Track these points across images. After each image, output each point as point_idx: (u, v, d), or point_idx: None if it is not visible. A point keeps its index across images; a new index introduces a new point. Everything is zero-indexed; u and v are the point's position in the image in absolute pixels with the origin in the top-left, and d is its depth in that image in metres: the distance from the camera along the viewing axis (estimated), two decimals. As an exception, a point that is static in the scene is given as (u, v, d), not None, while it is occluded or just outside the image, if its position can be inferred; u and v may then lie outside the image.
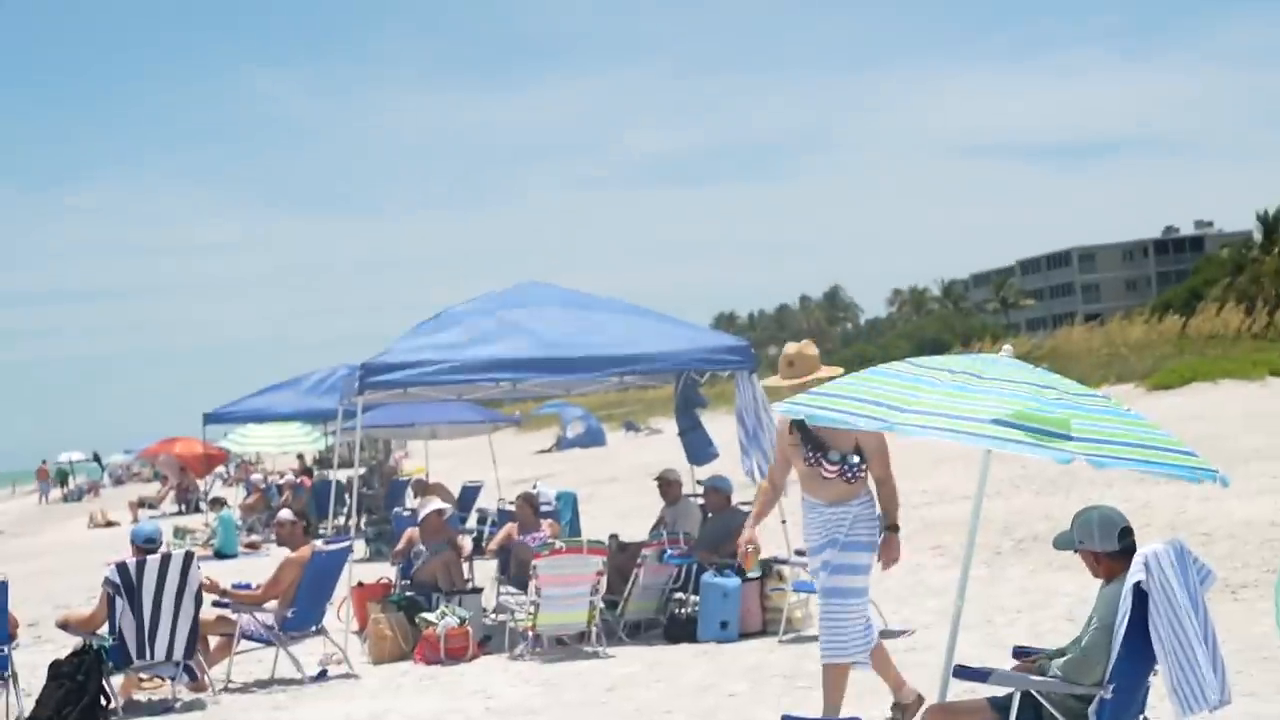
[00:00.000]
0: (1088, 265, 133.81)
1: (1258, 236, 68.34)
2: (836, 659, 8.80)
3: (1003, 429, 7.03)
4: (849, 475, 8.78)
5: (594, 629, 13.17)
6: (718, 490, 14.69)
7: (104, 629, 11.86)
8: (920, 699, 8.93)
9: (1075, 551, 7.19)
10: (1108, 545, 7.02)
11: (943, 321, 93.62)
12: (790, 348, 9.30)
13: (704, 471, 15.94)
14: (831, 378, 8.91)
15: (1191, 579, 6.98)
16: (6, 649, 11.46)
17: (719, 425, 18.07)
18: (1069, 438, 7.01)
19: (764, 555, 14.54)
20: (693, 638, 13.23)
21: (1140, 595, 6.76)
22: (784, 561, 13.69)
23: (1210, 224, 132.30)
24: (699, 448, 15.83)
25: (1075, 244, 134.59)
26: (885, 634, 8.40)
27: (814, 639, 12.86)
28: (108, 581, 11.77)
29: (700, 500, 15.15)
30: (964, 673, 7.10)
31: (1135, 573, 6.78)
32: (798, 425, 8.84)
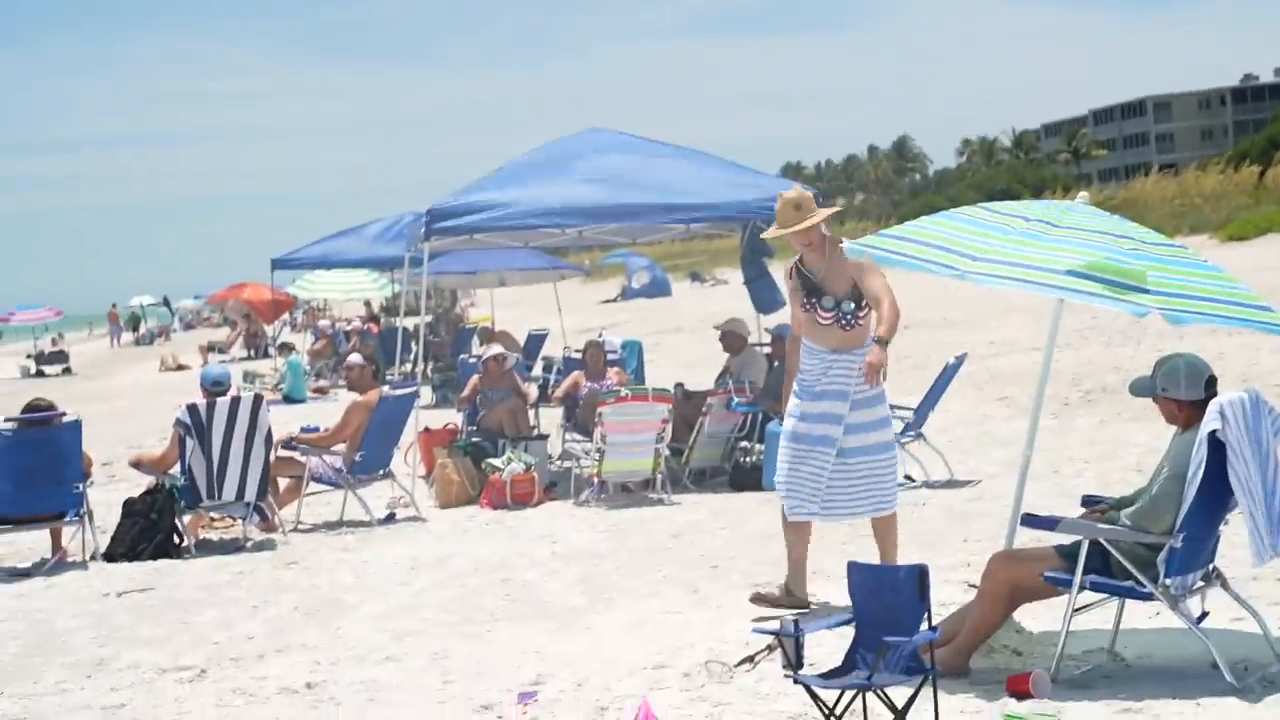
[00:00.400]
0: (1163, 114, 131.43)
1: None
2: (885, 510, 8.70)
3: (1077, 280, 6.93)
4: (844, 322, 8.53)
5: (659, 476, 13.23)
6: (784, 339, 14.63)
7: (175, 469, 12.05)
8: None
9: (1154, 399, 7.10)
10: (1193, 393, 6.94)
11: (1013, 172, 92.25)
12: (791, 192, 8.86)
13: (771, 321, 15.87)
14: (831, 215, 8.73)
15: (1265, 429, 6.92)
16: (81, 487, 11.68)
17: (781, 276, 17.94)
18: (1145, 290, 6.91)
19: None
20: (757, 486, 13.25)
21: (1215, 444, 6.69)
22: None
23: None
24: (765, 296, 15.71)
25: (1150, 93, 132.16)
26: None
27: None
28: (178, 423, 11.91)
29: (766, 349, 15.13)
30: (1032, 521, 7.07)
31: (1211, 421, 6.71)
32: (797, 270, 8.66)
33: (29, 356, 49.34)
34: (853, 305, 8.49)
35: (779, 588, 8.66)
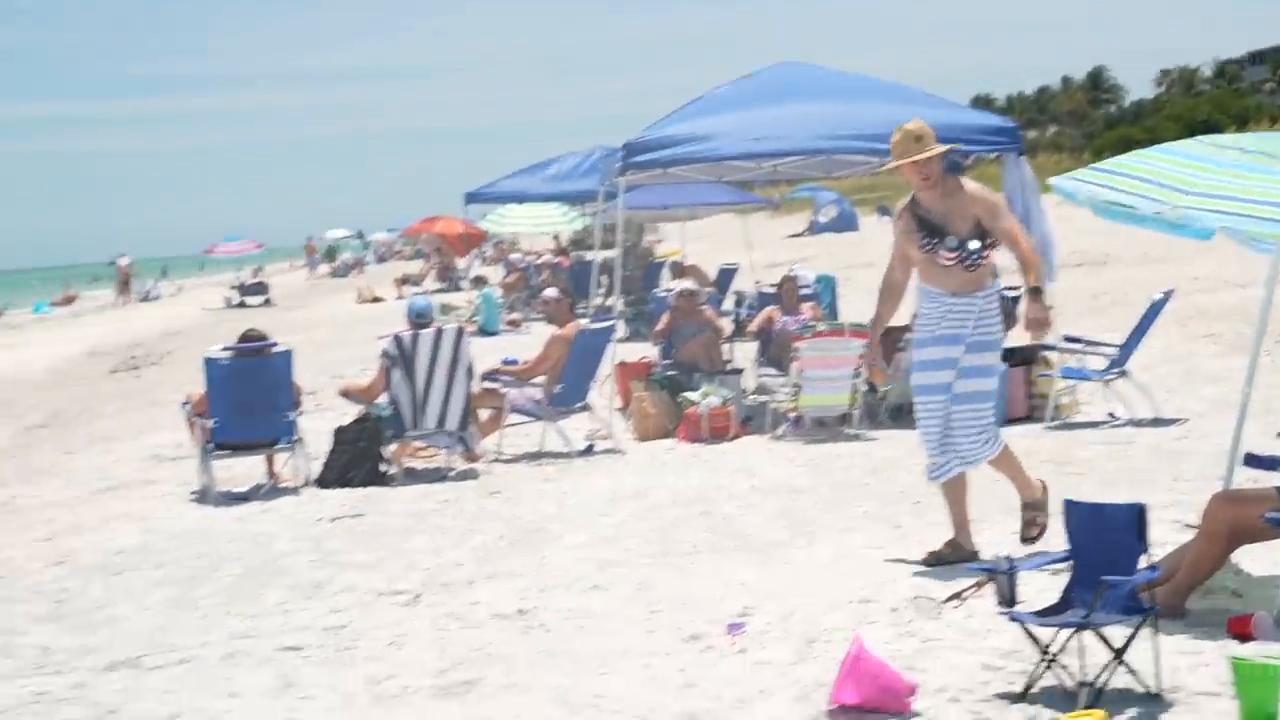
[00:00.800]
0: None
1: None
2: (992, 453, 8.31)
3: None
4: (969, 262, 8.12)
5: (856, 411, 13.19)
6: (983, 275, 14.49)
7: (382, 398, 12.32)
8: (1045, 486, 8.52)
9: None
10: None
11: (1215, 103, 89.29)
12: (910, 123, 8.45)
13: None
14: (950, 150, 8.36)
15: None
16: (293, 415, 12.01)
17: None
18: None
19: (1029, 340, 14.35)
20: (955, 422, 13.14)
21: None
22: (1052, 347, 13.44)
23: None
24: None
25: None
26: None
27: (1084, 425, 12.81)
28: (384, 354, 12.16)
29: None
30: (1254, 461, 6.92)
31: None
32: (910, 209, 8.29)
33: (232, 288, 50.71)
34: (978, 244, 8.13)
35: (946, 544, 8.33)
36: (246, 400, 11.86)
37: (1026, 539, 8.32)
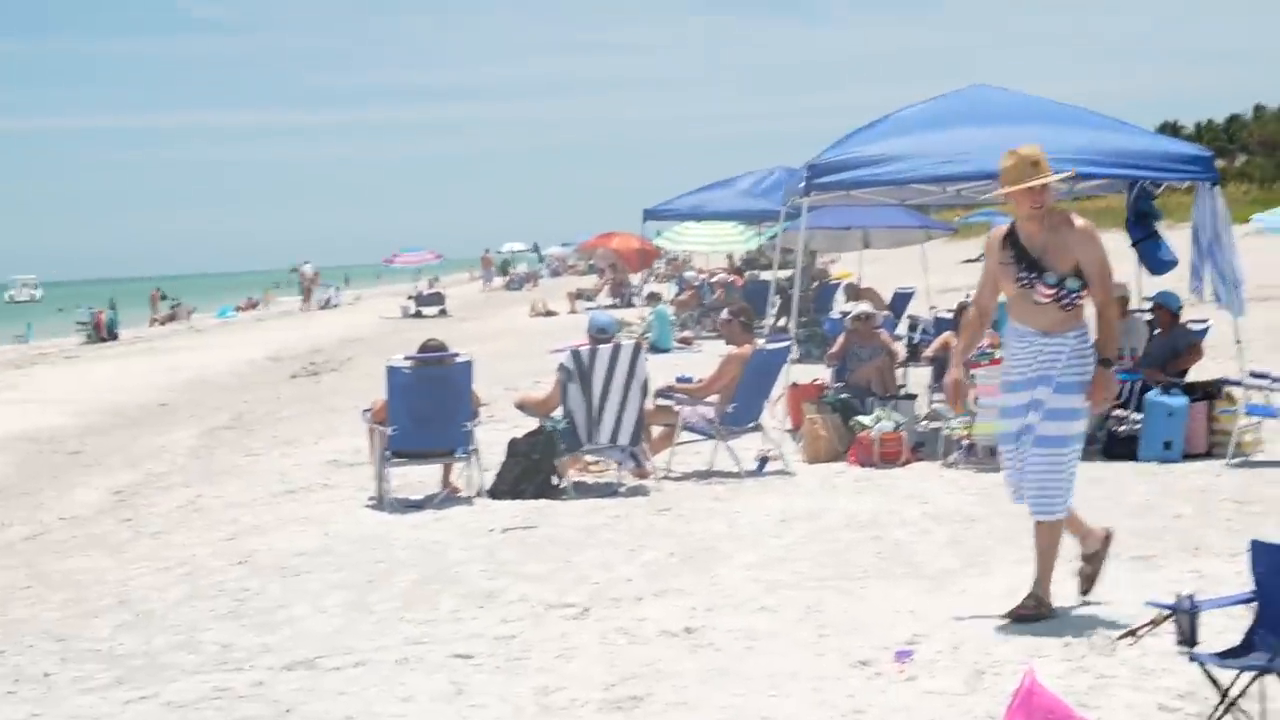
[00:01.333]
0: None
1: None
2: (1047, 516, 7.88)
3: None
4: (1066, 301, 7.73)
5: (1030, 441, 13.01)
6: (1165, 307, 14.24)
7: (557, 412, 12.44)
8: (1109, 535, 8.15)
9: None
10: None
11: None
12: (1025, 148, 7.98)
13: (1151, 286, 15.39)
14: (1068, 176, 8.04)
15: None
16: (470, 425, 12.19)
17: (1169, 239, 17.37)
18: None
19: (1214, 375, 14.08)
20: (1133, 456, 12.92)
21: None
22: (1236, 383, 13.15)
23: None
24: (1154, 257, 15.20)
25: None
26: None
27: (1268, 464, 12.50)
28: (562, 368, 12.27)
29: (1147, 316, 14.70)
30: None
31: None
32: (1010, 241, 7.86)
33: (409, 298, 51.60)
34: (1077, 284, 7.73)
35: (1032, 598, 7.88)
36: (426, 409, 12.05)
37: (1014, 617, 7.85)
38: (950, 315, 17.56)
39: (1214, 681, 5.85)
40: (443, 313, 48.17)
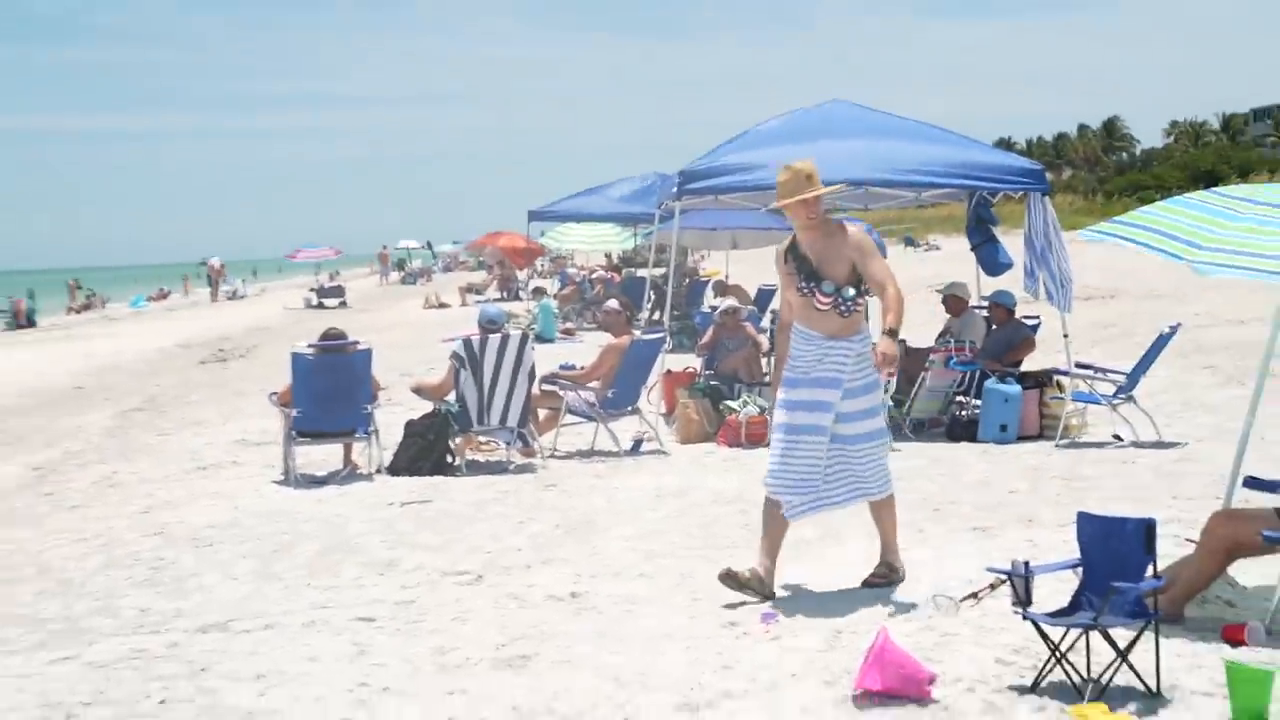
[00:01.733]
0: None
1: None
2: (880, 494, 7.88)
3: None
4: (843, 308, 7.63)
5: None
6: (1001, 304, 14.49)
7: (450, 396, 12.39)
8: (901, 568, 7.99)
9: None
10: None
11: (1218, 154, 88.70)
12: (799, 162, 7.84)
13: (989, 286, 15.64)
14: (838, 190, 8.00)
15: None
16: (370, 408, 12.10)
17: (1004, 243, 17.65)
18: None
19: (1044, 365, 14.34)
20: (973, 438, 13.14)
21: None
22: (1064, 373, 13.43)
23: None
24: (992, 260, 15.47)
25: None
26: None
27: (1091, 445, 12.76)
28: (454, 355, 12.23)
29: (984, 313, 14.95)
30: (1254, 483, 6.91)
31: None
32: (792, 253, 7.76)
33: (311, 290, 50.99)
34: (852, 291, 7.65)
35: (750, 570, 7.75)
36: (328, 392, 11.95)
37: (868, 584, 7.85)
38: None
39: (1045, 637, 5.98)
40: (343, 304, 47.63)
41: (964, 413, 13.67)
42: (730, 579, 7.66)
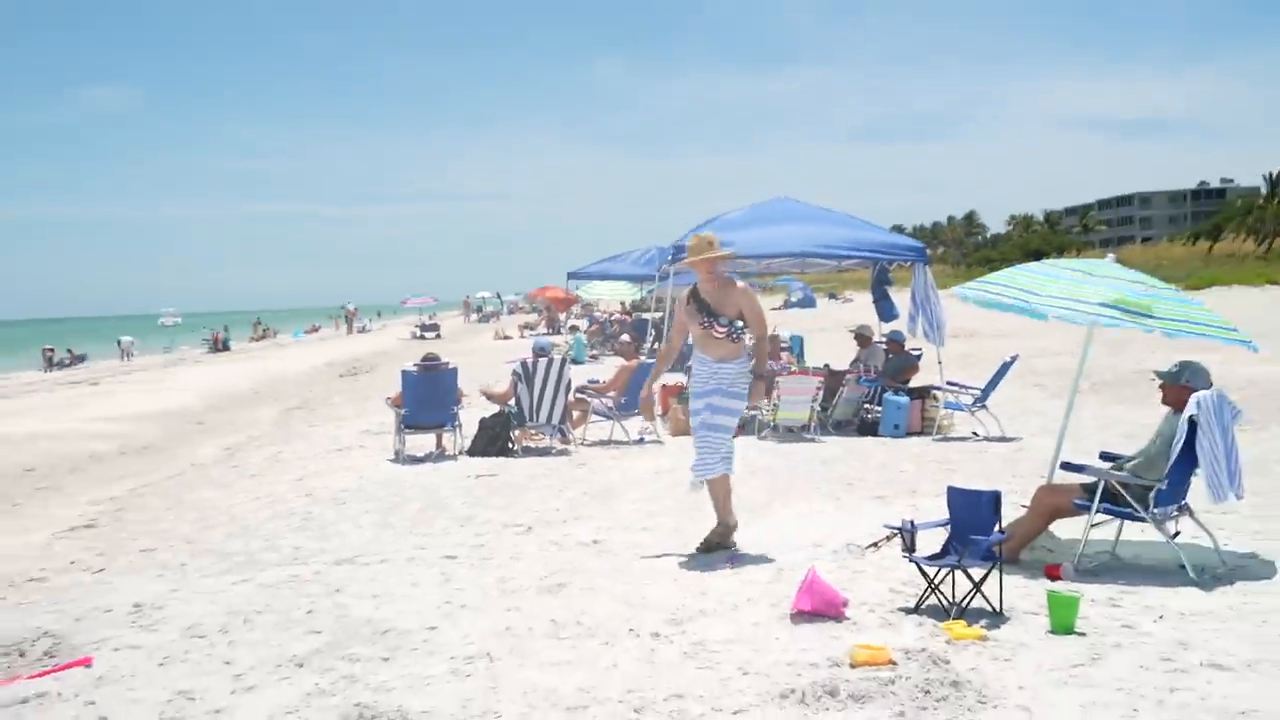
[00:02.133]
0: (1145, 204, 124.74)
1: (1264, 190, 64.72)
2: (708, 475, 7.43)
3: (1107, 310, 6.70)
4: (734, 336, 7.35)
5: (812, 424, 13.11)
6: (895, 340, 14.42)
7: (511, 401, 12.33)
8: (735, 525, 7.54)
9: (1166, 384, 6.77)
10: (1199, 385, 6.64)
11: (1043, 238, 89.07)
12: (705, 233, 7.70)
13: (887, 327, 15.58)
14: (729, 256, 7.59)
15: (1227, 416, 6.61)
16: (455, 409, 12.05)
17: (896, 298, 17.62)
18: (1152, 316, 6.67)
19: (924, 383, 14.27)
20: (875, 433, 13.07)
21: (1191, 424, 6.43)
22: (938, 388, 13.38)
23: (1231, 180, 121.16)
24: (887, 310, 15.45)
25: (1136, 189, 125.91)
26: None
27: (957, 439, 12.67)
28: (515, 372, 12.17)
29: (885, 346, 14.89)
30: (1069, 466, 6.86)
31: (1190, 408, 6.44)
32: (693, 296, 7.42)
33: (416, 326, 50.94)
34: (740, 324, 7.37)
35: (714, 531, 7.44)
36: (426, 398, 11.92)
37: (702, 549, 7.38)
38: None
39: (924, 574, 5.93)
40: (438, 336, 47.51)
41: (870, 416, 13.61)
42: (706, 549, 7.43)
